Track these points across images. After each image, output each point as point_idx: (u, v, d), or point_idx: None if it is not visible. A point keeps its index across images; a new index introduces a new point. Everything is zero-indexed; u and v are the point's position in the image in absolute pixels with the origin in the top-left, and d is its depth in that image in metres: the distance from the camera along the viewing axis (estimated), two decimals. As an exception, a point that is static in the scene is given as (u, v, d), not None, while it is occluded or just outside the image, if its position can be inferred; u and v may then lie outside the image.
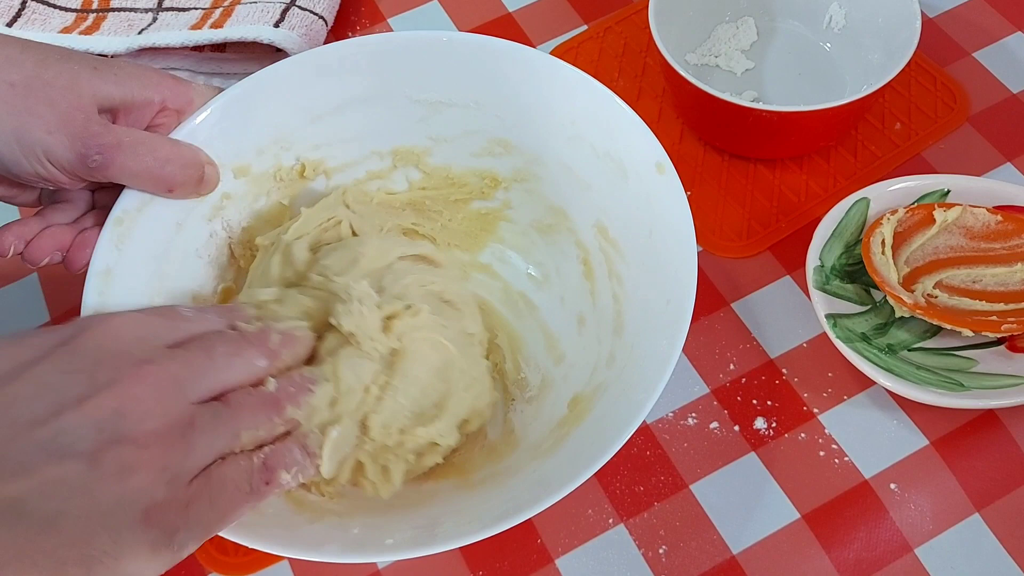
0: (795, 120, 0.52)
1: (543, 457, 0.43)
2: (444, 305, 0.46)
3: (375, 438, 0.42)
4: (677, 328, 0.41)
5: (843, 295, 0.50)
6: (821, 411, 0.49)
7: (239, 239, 0.50)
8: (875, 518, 0.46)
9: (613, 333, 0.47)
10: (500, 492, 0.42)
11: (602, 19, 0.65)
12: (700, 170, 0.57)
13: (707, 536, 0.46)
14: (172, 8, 0.64)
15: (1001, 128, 0.58)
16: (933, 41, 0.62)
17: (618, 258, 0.48)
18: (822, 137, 0.55)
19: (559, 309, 0.51)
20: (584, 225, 0.50)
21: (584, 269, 0.50)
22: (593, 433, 0.42)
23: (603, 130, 0.48)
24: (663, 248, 0.45)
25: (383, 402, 0.42)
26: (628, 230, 0.47)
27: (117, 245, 0.44)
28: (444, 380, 0.44)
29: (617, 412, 0.41)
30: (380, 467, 0.43)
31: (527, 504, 0.38)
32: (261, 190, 0.50)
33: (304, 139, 0.50)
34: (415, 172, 0.53)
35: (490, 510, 0.40)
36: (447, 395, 0.44)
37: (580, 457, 0.40)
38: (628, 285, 0.47)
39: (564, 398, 0.47)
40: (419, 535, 0.39)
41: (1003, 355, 0.48)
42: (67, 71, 0.41)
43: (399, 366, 0.42)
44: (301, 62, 0.49)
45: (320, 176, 0.52)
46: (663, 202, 0.45)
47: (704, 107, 0.54)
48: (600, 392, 0.45)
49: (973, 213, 0.51)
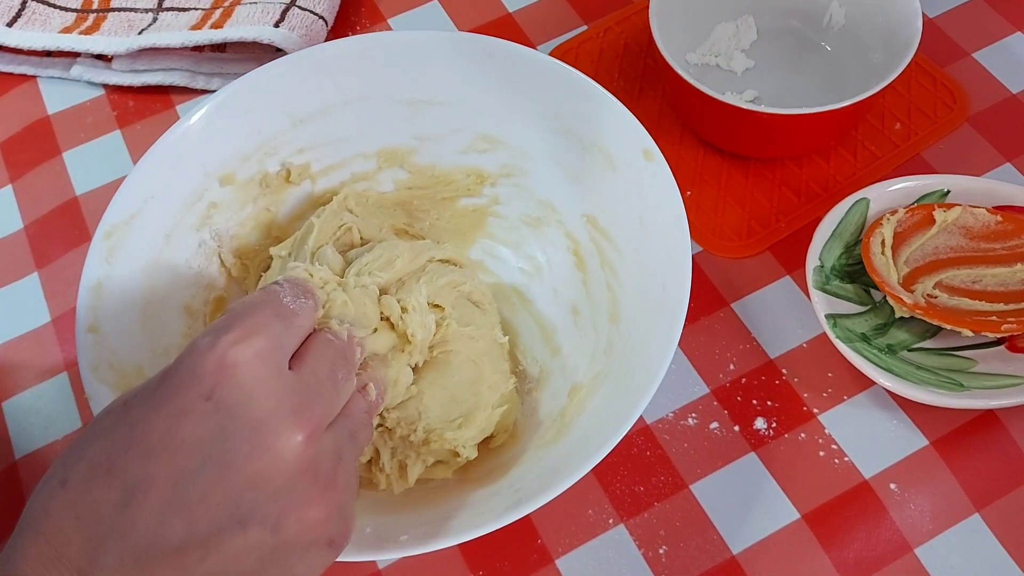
0: (795, 122, 0.52)
1: (547, 447, 0.44)
2: (472, 306, 0.47)
3: (401, 434, 0.42)
4: (675, 311, 0.41)
5: (843, 295, 0.50)
6: (821, 411, 0.49)
7: (228, 248, 0.50)
8: (875, 518, 0.46)
9: (609, 321, 0.47)
10: (507, 484, 0.42)
11: (602, 19, 0.65)
12: (700, 170, 0.57)
13: (707, 536, 0.46)
14: (172, 8, 0.64)
15: (1001, 128, 0.58)
16: (933, 41, 0.62)
17: (610, 247, 0.48)
18: (822, 138, 0.56)
19: (553, 301, 0.51)
20: (573, 217, 0.51)
21: (576, 260, 0.51)
22: (597, 421, 0.42)
23: (588, 121, 0.48)
24: (655, 234, 0.45)
25: (417, 401, 0.43)
26: (618, 219, 0.48)
27: (107, 259, 0.44)
28: (474, 394, 0.45)
29: (619, 399, 0.42)
30: (398, 463, 0.43)
31: (536, 493, 0.38)
32: (247, 197, 0.50)
33: (288, 144, 0.51)
34: (401, 172, 0.53)
35: (499, 502, 0.40)
36: (475, 408, 0.45)
37: (585, 445, 0.40)
38: (621, 273, 0.47)
39: (564, 389, 0.47)
40: (432, 529, 0.39)
41: (1003, 355, 0.48)
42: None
43: (433, 373, 0.44)
44: (281, 67, 0.49)
45: (306, 181, 0.52)
46: (653, 188, 0.45)
47: (704, 108, 0.54)
48: (600, 380, 0.45)
49: (973, 213, 0.51)
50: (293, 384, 0.32)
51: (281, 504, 0.31)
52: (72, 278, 0.56)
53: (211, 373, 0.31)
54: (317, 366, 0.34)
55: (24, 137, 0.62)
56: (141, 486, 0.30)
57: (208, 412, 0.30)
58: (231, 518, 0.30)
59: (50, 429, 0.51)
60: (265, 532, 0.31)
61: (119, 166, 0.60)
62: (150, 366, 0.44)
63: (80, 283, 0.44)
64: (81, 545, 0.29)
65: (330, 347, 0.36)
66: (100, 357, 0.42)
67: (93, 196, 0.59)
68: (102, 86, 0.64)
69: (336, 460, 0.33)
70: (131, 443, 0.30)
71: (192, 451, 0.30)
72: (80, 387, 0.52)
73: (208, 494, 0.30)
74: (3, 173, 0.61)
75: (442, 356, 0.44)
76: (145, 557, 0.29)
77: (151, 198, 0.47)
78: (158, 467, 0.30)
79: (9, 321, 0.55)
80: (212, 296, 0.49)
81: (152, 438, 0.30)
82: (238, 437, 0.30)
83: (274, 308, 0.34)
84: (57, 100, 0.64)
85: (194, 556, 0.30)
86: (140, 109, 0.63)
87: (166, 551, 0.29)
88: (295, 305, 0.35)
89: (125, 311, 0.45)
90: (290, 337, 0.34)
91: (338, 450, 0.34)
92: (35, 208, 0.59)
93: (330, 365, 0.35)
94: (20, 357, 0.53)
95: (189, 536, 0.30)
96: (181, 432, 0.30)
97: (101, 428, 0.31)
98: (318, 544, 0.32)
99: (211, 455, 0.30)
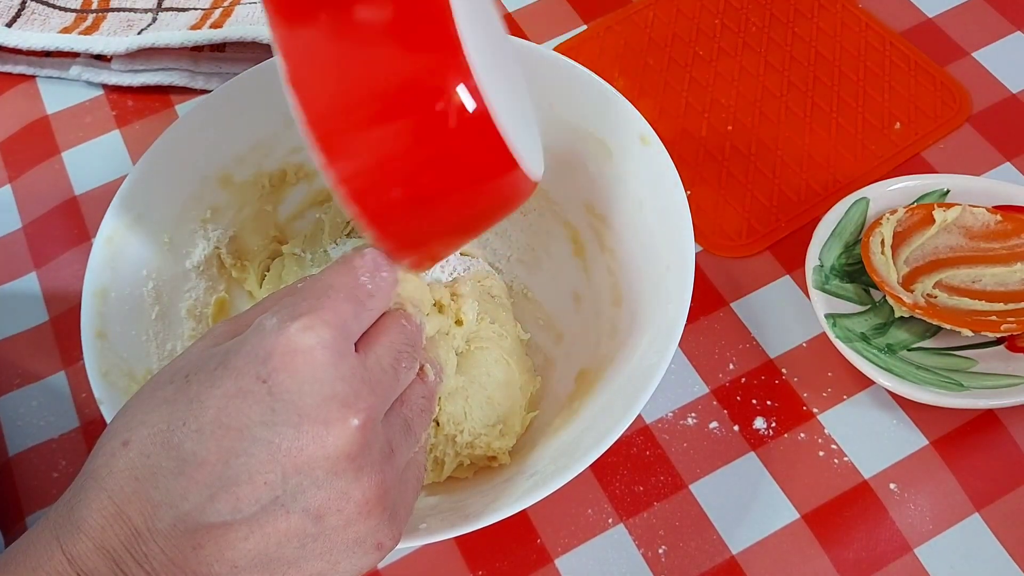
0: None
1: (556, 432, 0.44)
2: (493, 301, 0.47)
3: (448, 432, 0.43)
4: (681, 291, 0.41)
5: (843, 295, 0.50)
6: (821, 411, 0.49)
7: (227, 249, 0.50)
8: (875, 518, 0.46)
9: (612, 305, 0.47)
10: (520, 469, 0.42)
11: (602, 19, 0.65)
12: (700, 170, 0.57)
13: (707, 536, 0.46)
14: (172, 8, 0.64)
15: (1001, 128, 0.58)
16: (933, 41, 0.62)
17: (609, 233, 0.48)
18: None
19: (553, 289, 0.51)
20: (570, 206, 0.50)
21: (574, 247, 0.51)
22: (606, 403, 0.42)
23: (583, 109, 0.48)
24: (655, 218, 0.45)
25: (462, 396, 0.43)
26: (617, 205, 0.47)
27: (111, 264, 0.44)
28: (508, 397, 0.45)
29: (628, 380, 0.42)
30: (434, 457, 0.43)
31: (552, 476, 0.38)
32: (245, 198, 0.50)
33: (282, 144, 0.51)
34: None
35: (515, 487, 0.40)
36: (511, 413, 0.45)
37: (596, 427, 0.40)
38: (622, 256, 0.47)
39: (570, 374, 0.47)
40: (450, 517, 0.39)
41: (1003, 355, 0.48)
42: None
43: (472, 370, 0.44)
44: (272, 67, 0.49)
45: (302, 180, 0.52)
46: (651, 173, 0.45)
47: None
48: (607, 364, 0.45)
49: (973, 213, 0.51)
50: (351, 373, 0.32)
51: (323, 495, 0.31)
52: (71, 278, 0.56)
53: (271, 357, 0.31)
54: (383, 355, 0.34)
55: (23, 137, 0.62)
56: (193, 462, 0.30)
57: (262, 395, 0.31)
58: (275, 501, 0.30)
59: (46, 427, 0.51)
60: (307, 521, 0.31)
61: (118, 166, 0.60)
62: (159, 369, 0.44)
63: (84, 288, 0.44)
64: (139, 506, 0.30)
65: (401, 333, 0.35)
66: (110, 362, 0.42)
67: (92, 196, 0.59)
68: (101, 86, 0.64)
69: (386, 455, 0.33)
70: (187, 418, 0.31)
71: (242, 432, 0.30)
72: (77, 386, 0.52)
73: (255, 475, 0.30)
74: (2, 173, 0.61)
75: (478, 352, 0.45)
76: (195, 528, 0.30)
77: (151, 201, 0.47)
78: (210, 445, 0.30)
79: (7, 320, 0.55)
80: (214, 298, 0.49)
81: (206, 416, 0.31)
82: (287, 423, 0.30)
83: (348, 291, 0.33)
84: (56, 100, 0.64)
85: (239, 533, 0.30)
86: (139, 109, 0.63)
87: (215, 524, 0.30)
88: (372, 284, 0.34)
89: (131, 316, 0.45)
90: (359, 321, 0.34)
91: (390, 443, 0.33)
92: (34, 208, 0.59)
93: (396, 354, 0.35)
94: (18, 356, 0.53)
95: (235, 513, 0.30)
96: (234, 412, 0.30)
97: (163, 396, 0.32)
98: (364, 544, 0.32)
99: (259, 438, 0.30)
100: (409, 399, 0.36)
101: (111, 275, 0.44)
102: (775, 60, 0.62)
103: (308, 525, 0.31)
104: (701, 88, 0.61)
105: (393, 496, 0.33)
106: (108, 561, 0.30)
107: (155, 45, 0.61)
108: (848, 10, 0.63)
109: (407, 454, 0.35)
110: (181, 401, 0.31)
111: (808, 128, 0.59)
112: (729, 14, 0.64)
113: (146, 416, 0.31)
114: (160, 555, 0.30)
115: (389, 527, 0.33)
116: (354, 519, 0.32)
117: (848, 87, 0.60)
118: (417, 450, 0.36)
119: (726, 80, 0.61)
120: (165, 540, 0.30)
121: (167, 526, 0.30)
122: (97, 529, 0.30)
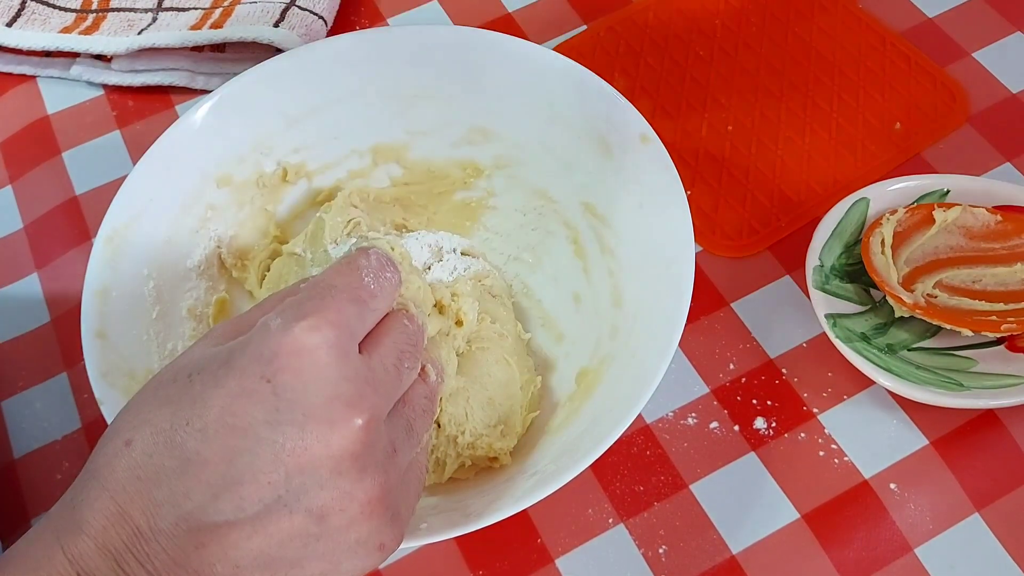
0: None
1: (557, 432, 0.44)
2: (494, 300, 0.47)
3: (449, 433, 0.43)
4: (681, 288, 0.42)
5: (843, 295, 0.50)
6: (821, 411, 0.49)
7: (228, 249, 0.50)
8: (875, 518, 0.46)
9: (612, 305, 0.47)
10: (521, 469, 0.43)
11: (602, 19, 0.65)
12: (699, 170, 0.57)
13: (707, 536, 0.46)
14: (172, 8, 0.64)
15: (1001, 128, 0.58)
16: (933, 41, 0.62)
17: (609, 233, 0.48)
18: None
19: (553, 290, 0.51)
20: (570, 205, 0.51)
21: (574, 248, 0.51)
22: (607, 402, 0.42)
23: (582, 108, 0.48)
24: (655, 216, 0.45)
25: (463, 397, 0.43)
26: (616, 204, 0.48)
27: (111, 264, 0.44)
28: (509, 396, 0.45)
29: (629, 379, 0.42)
30: (435, 458, 0.43)
31: (553, 475, 0.38)
32: (245, 198, 0.50)
33: (283, 143, 0.51)
34: (396, 168, 0.53)
35: (516, 487, 0.40)
36: (512, 412, 0.45)
37: (597, 426, 0.40)
38: (622, 257, 0.47)
39: (570, 374, 0.47)
40: (451, 517, 0.39)
41: (1003, 355, 0.48)
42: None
43: (473, 370, 0.44)
44: (271, 67, 0.49)
45: (302, 179, 0.52)
46: (651, 172, 0.45)
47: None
48: (607, 364, 0.45)
49: (973, 213, 0.51)
50: (355, 373, 0.32)
51: (327, 495, 0.31)
52: (72, 278, 0.56)
53: (275, 356, 0.31)
54: (386, 355, 0.34)
55: (24, 137, 0.62)
56: (196, 461, 0.30)
57: (266, 394, 0.31)
58: (278, 501, 0.30)
59: (49, 429, 0.51)
60: (310, 521, 0.31)
61: (119, 166, 0.60)
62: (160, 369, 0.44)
63: (84, 288, 0.44)
64: (141, 506, 0.30)
65: (403, 333, 0.35)
66: (110, 362, 0.42)
67: (93, 196, 0.59)
68: (102, 86, 0.64)
69: (389, 455, 0.33)
70: (191, 417, 0.31)
71: (246, 432, 0.30)
72: (79, 387, 0.52)
73: (258, 474, 0.30)
74: (3, 173, 0.61)
75: (479, 352, 0.45)
76: (197, 527, 0.30)
77: (151, 201, 0.47)
78: (214, 445, 0.30)
79: (9, 321, 0.55)
80: (215, 298, 0.49)
81: (210, 416, 0.31)
82: (291, 422, 0.30)
83: (352, 292, 0.34)
84: (57, 100, 0.64)
85: (242, 533, 0.30)
86: (140, 109, 0.63)
87: (218, 524, 0.30)
88: (376, 284, 0.35)
89: (131, 316, 0.45)
90: (363, 322, 0.34)
91: (392, 443, 0.33)
92: (35, 208, 0.59)
93: (399, 354, 0.35)
94: (20, 357, 0.53)
95: (238, 513, 0.30)
96: (238, 412, 0.31)
97: (166, 396, 0.32)
98: (367, 544, 0.32)
99: (263, 437, 0.30)
100: (411, 400, 0.36)
101: (111, 275, 0.44)
102: (775, 60, 0.62)
103: (311, 525, 0.31)
104: (701, 88, 0.61)
105: (395, 497, 0.33)
106: (110, 561, 0.30)
107: (155, 45, 0.61)
108: (848, 10, 0.63)
109: (409, 455, 0.35)
110: (184, 400, 0.31)
111: (808, 128, 0.59)
112: (729, 14, 0.64)
113: (149, 415, 0.31)
114: (162, 555, 0.30)
115: (391, 528, 0.33)
116: (357, 519, 0.32)
117: (848, 87, 0.60)
118: (419, 451, 0.36)
119: (726, 80, 0.61)
120: (167, 540, 0.30)
121: (170, 525, 0.30)
122: (99, 529, 0.30)
